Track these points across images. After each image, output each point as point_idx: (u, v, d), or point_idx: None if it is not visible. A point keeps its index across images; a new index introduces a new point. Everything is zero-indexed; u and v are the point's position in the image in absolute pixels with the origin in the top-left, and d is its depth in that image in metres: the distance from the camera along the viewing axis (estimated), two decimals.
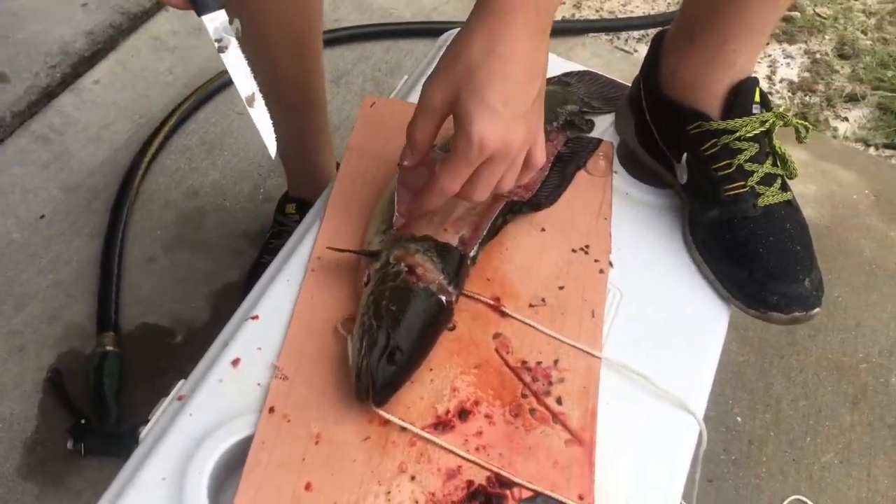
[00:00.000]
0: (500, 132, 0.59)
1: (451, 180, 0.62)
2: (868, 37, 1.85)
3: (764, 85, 1.69)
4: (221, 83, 1.41)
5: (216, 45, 0.65)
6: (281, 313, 0.69)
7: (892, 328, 1.28)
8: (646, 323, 0.73)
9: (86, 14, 1.49)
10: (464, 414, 0.65)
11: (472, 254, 0.70)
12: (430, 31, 1.56)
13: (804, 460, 1.14)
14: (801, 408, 1.19)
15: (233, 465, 0.61)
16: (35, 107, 1.35)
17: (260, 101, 0.67)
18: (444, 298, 0.65)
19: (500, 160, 0.61)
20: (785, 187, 0.76)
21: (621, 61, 1.65)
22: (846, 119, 1.66)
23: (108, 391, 1.03)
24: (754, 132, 0.73)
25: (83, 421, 1.00)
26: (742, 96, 0.73)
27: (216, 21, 0.65)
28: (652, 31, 1.75)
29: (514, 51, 0.59)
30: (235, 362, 0.66)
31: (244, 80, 0.67)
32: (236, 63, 0.66)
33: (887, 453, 1.15)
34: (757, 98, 0.74)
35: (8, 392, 1.05)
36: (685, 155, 0.77)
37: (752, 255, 0.74)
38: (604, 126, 0.88)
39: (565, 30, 1.68)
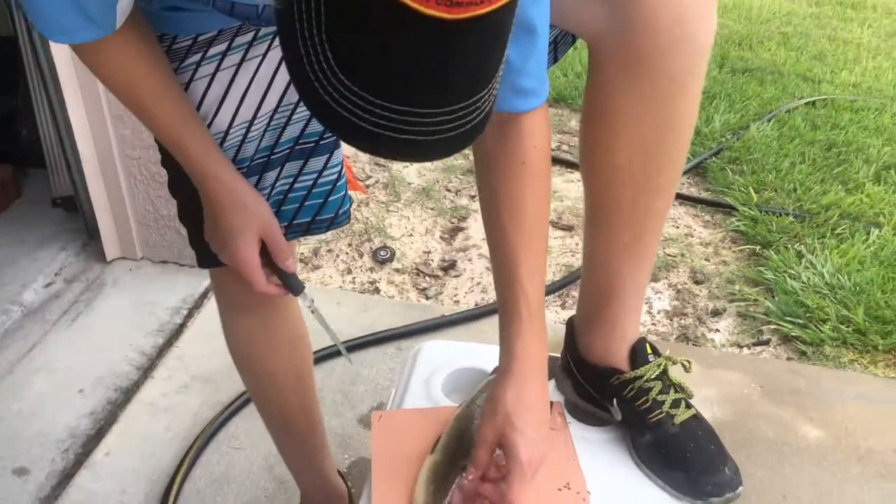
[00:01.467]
0: (538, 451, 0.91)
1: (517, 492, 0.90)
2: (711, 262, 2.32)
3: (645, 318, 2.08)
4: (214, 428, 1.64)
5: (309, 309, 1.06)
6: None
7: (809, 492, 1.56)
8: None
9: (83, 398, 1.73)
10: None
11: None
12: (376, 341, 1.89)
13: None
14: None
15: None
16: (57, 489, 1.53)
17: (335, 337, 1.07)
18: None
19: (538, 467, 0.92)
20: (688, 405, 1.07)
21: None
22: (717, 330, 2.06)
23: None
24: (655, 374, 1.05)
25: None
26: (639, 352, 1.06)
27: (305, 299, 1.03)
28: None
29: (534, 396, 0.92)
30: None
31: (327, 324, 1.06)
32: (320, 315, 1.06)
33: None
34: (649, 350, 1.07)
35: None
36: (615, 400, 1.07)
37: (683, 460, 1.02)
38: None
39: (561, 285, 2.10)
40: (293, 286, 1.04)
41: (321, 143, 1.04)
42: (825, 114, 3.07)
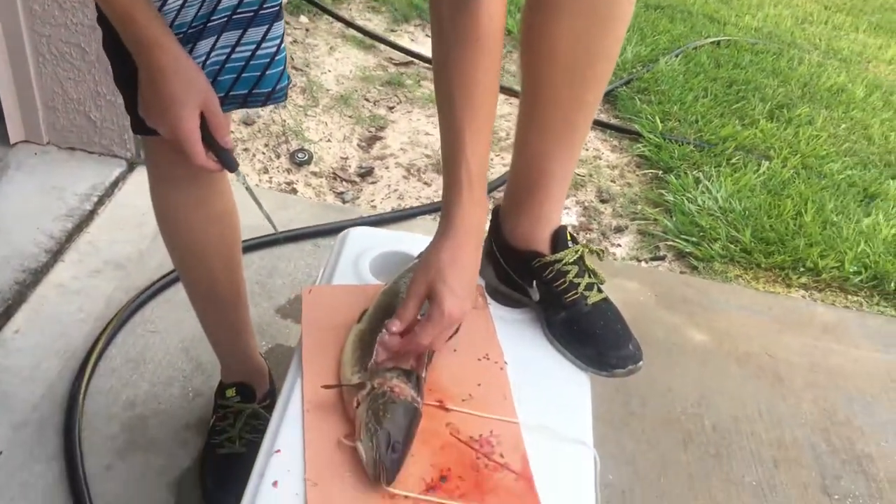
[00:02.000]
0: (460, 307, 0.97)
1: (427, 338, 0.97)
2: (616, 183, 2.44)
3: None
4: (131, 311, 1.64)
5: (243, 185, 1.08)
6: (296, 443, 0.96)
7: (693, 387, 1.71)
8: (538, 394, 1.07)
9: None
10: (443, 478, 0.94)
11: (423, 375, 1.02)
12: (295, 237, 1.92)
13: (664, 496, 1.49)
14: (650, 458, 1.56)
15: None
16: None
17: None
18: (417, 406, 0.96)
19: (458, 323, 0.99)
20: (600, 290, 1.16)
21: None
22: (619, 245, 2.19)
23: None
24: (573, 258, 1.13)
25: None
26: (560, 238, 1.13)
27: (238, 175, 1.06)
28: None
29: (467, 257, 0.98)
30: (275, 484, 0.92)
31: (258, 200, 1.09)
32: (252, 192, 1.08)
33: (716, 475, 1.54)
34: (568, 237, 1.15)
35: None
36: (534, 281, 1.15)
37: (593, 337, 1.12)
38: None
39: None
40: (229, 162, 1.05)
41: (261, 12, 1.04)
42: (728, 53, 3.22)
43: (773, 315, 1.95)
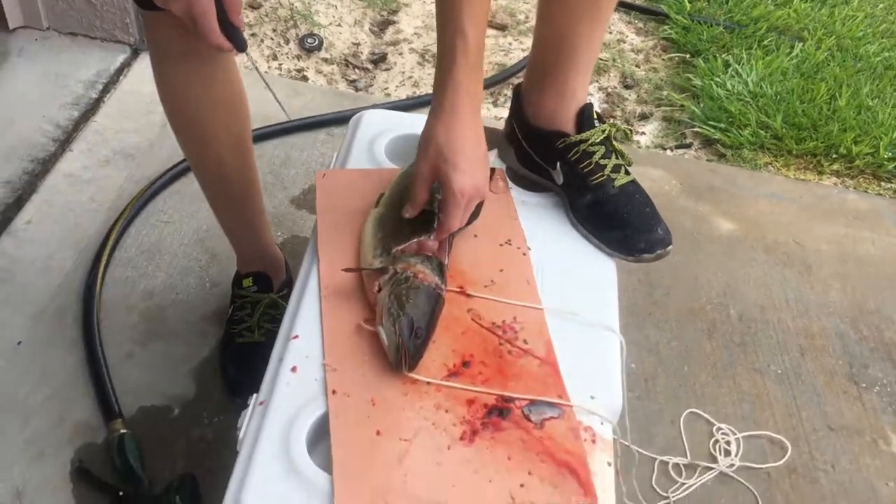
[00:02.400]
0: (469, 182, 0.92)
1: (453, 221, 0.93)
2: (641, 69, 2.34)
3: None
4: (143, 201, 1.61)
5: (253, 66, 1.09)
6: (314, 329, 0.93)
7: (719, 276, 1.67)
8: (563, 280, 1.04)
9: None
10: (466, 364, 0.92)
11: (446, 262, 0.98)
12: (308, 125, 1.85)
13: (687, 384, 1.48)
14: (674, 347, 1.54)
15: (320, 433, 0.84)
16: None
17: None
18: (440, 292, 0.93)
19: (474, 199, 0.95)
20: (628, 172, 1.10)
21: None
22: (643, 133, 2.11)
23: (135, 464, 1.19)
24: (600, 138, 1.07)
25: (121, 494, 1.16)
26: (586, 116, 1.07)
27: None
28: None
29: (465, 130, 0.92)
30: (294, 369, 0.89)
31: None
32: (261, 73, 1.06)
33: (741, 364, 1.52)
34: (595, 116, 1.08)
35: (40, 493, 1.18)
36: (558, 163, 1.09)
37: (620, 220, 1.07)
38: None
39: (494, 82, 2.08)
40: (239, 42, 1.01)
41: None
42: None
43: (803, 203, 1.88)
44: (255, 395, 0.89)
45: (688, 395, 1.46)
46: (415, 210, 0.97)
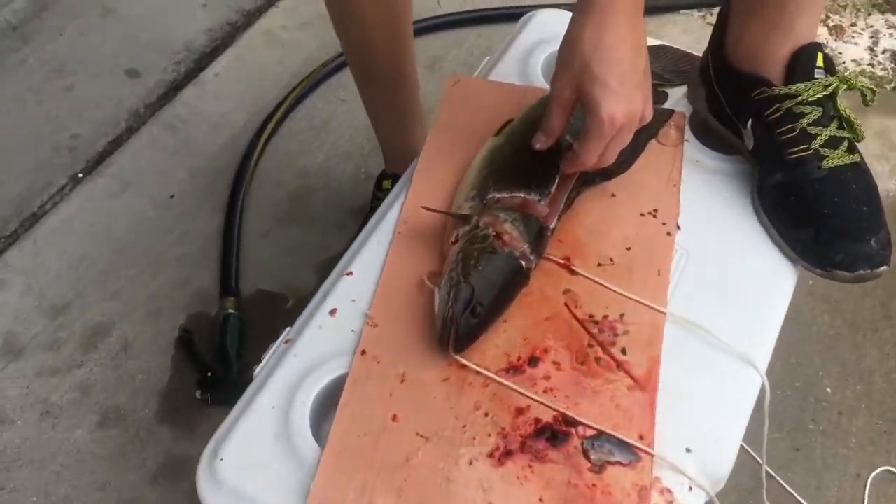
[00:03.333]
0: (623, 107, 0.68)
1: (590, 155, 0.71)
2: None
3: (865, 56, 1.66)
4: (326, 72, 1.52)
5: None
6: (372, 269, 0.78)
7: None
8: (711, 282, 0.78)
9: (205, 13, 1.63)
10: (533, 360, 0.72)
11: (551, 226, 0.76)
12: (519, 14, 1.61)
13: (895, 432, 1.14)
14: (894, 380, 1.18)
15: (331, 399, 0.70)
16: (164, 99, 1.50)
17: None
18: (524, 264, 0.72)
19: (627, 129, 0.70)
20: (852, 150, 0.78)
21: None
22: None
23: (230, 348, 1.16)
24: (817, 96, 0.76)
25: (209, 374, 1.14)
26: (803, 61, 0.76)
27: None
28: None
29: (619, 37, 0.67)
30: (333, 312, 0.76)
31: None
32: None
33: None
34: (820, 63, 0.76)
35: (147, 348, 1.20)
36: (750, 121, 0.80)
37: (817, 215, 0.77)
38: (677, 97, 0.92)
39: (658, 7, 1.70)
40: None
41: None
42: None
43: None
44: (286, 330, 0.77)
45: (890, 447, 1.12)
46: (548, 140, 0.75)
